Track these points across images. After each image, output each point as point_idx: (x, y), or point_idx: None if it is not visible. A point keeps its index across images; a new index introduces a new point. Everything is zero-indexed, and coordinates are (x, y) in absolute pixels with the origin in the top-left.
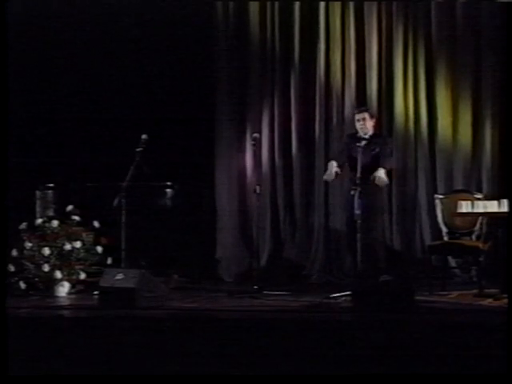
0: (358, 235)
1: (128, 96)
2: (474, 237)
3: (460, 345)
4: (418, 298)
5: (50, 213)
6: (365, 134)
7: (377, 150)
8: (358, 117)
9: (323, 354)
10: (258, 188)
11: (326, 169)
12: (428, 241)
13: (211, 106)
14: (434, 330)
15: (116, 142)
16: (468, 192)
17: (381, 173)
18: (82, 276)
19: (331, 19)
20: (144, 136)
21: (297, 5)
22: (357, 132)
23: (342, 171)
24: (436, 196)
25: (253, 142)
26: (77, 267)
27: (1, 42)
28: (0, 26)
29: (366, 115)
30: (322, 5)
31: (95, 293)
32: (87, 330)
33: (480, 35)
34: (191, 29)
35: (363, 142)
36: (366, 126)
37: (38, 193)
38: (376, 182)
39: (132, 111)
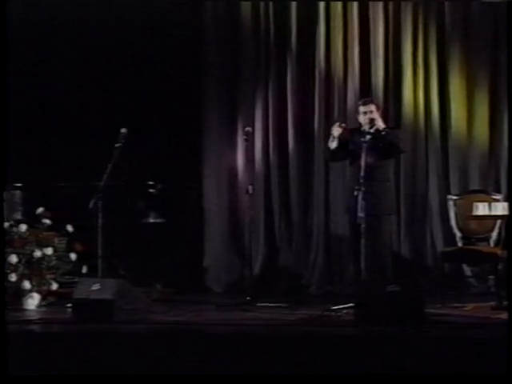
0: (362, 240)
1: (106, 85)
2: (491, 242)
3: (476, 363)
4: (429, 310)
5: (18, 216)
6: (370, 128)
7: (380, 144)
8: (363, 109)
9: (323, 372)
10: (250, 188)
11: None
12: (440, 247)
13: (198, 97)
14: (446, 346)
15: (92, 137)
16: (485, 192)
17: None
18: (54, 286)
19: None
20: (123, 130)
21: None
22: (360, 126)
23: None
24: (449, 197)
25: (245, 137)
26: (48, 277)
27: (1, 41)
28: (0, 26)
29: (373, 107)
30: None
31: (68, 305)
32: (59, 346)
33: (498, 18)
34: (178, 16)
35: (368, 137)
36: (371, 119)
37: (4, 193)
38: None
39: (110, 103)
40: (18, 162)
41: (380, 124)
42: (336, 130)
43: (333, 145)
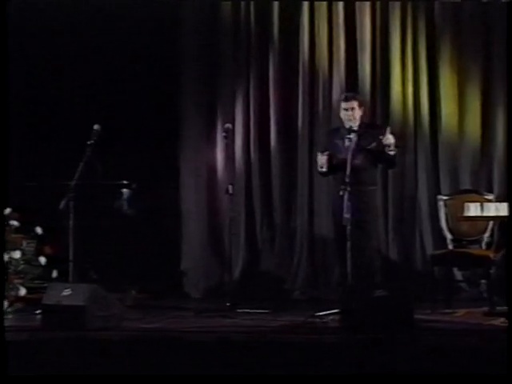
0: (348, 243)
1: (75, 81)
2: (483, 245)
3: (467, 372)
4: (418, 316)
5: None
6: (352, 126)
7: (374, 144)
8: (344, 105)
9: (307, 381)
10: (230, 188)
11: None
12: (430, 250)
13: (175, 92)
14: (436, 354)
15: (63, 134)
16: (477, 192)
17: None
18: (22, 292)
19: None
20: (96, 126)
21: None
22: (342, 124)
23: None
24: (439, 197)
25: (224, 134)
26: (16, 282)
27: (1, 41)
28: (0, 26)
29: (355, 104)
30: None
31: (37, 312)
32: (29, 355)
33: (490, 11)
34: (156, 8)
35: (353, 135)
36: (354, 116)
37: None
38: (384, 141)
39: (81, 99)
40: None
41: (392, 143)
42: (321, 160)
43: (322, 170)
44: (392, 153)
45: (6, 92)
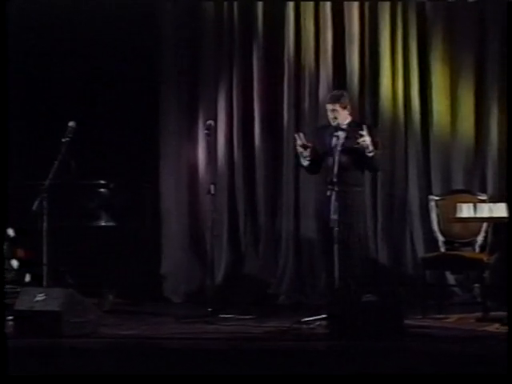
0: (336, 245)
1: (49, 76)
2: (477, 247)
3: (459, 380)
4: (408, 322)
5: None
6: (339, 124)
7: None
8: (328, 106)
9: None
10: (212, 188)
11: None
12: (421, 253)
13: (155, 86)
14: (427, 361)
15: (36, 131)
16: (469, 193)
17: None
18: None
19: None
20: (71, 123)
21: None
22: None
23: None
24: (430, 198)
25: (206, 131)
26: None
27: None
28: (0, 26)
29: (337, 107)
30: None
31: (9, 318)
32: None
33: (485, 5)
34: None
35: (340, 133)
36: (336, 117)
37: None
38: (361, 142)
39: (55, 93)
40: None
41: (368, 144)
42: (302, 150)
43: (305, 163)
44: (370, 154)
45: (6, 92)
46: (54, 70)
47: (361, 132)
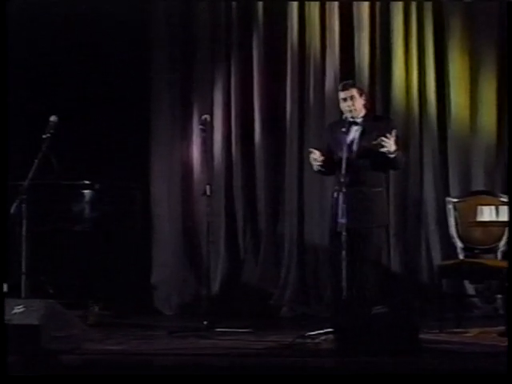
0: (343, 252)
1: (34, 69)
2: (499, 254)
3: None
4: (423, 336)
5: None
6: (354, 118)
7: (378, 140)
8: (342, 95)
9: None
10: (208, 189)
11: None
12: (437, 260)
13: (146, 78)
14: (444, 379)
15: (13, 127)
16: (491, 194)
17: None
18: None
19: None
20: (53, 118)
21: None
22: (342, 116)
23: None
24: (448, 200)
25: (201, 127)
26: None
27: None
28: (0, 26)
29: (355, 92)
30: None
31: None
32: None
33: None
34: None
35: (355, 128)
36: (354, 106)
37: None
38: (384, 144)
39: (36, 86)
40: None
41: (391, 146)
42: (315, 160)
43: (317, 168)
44: (392, 156)
45: (6, 92)
46: (53, 70)
47: (384, 139)
